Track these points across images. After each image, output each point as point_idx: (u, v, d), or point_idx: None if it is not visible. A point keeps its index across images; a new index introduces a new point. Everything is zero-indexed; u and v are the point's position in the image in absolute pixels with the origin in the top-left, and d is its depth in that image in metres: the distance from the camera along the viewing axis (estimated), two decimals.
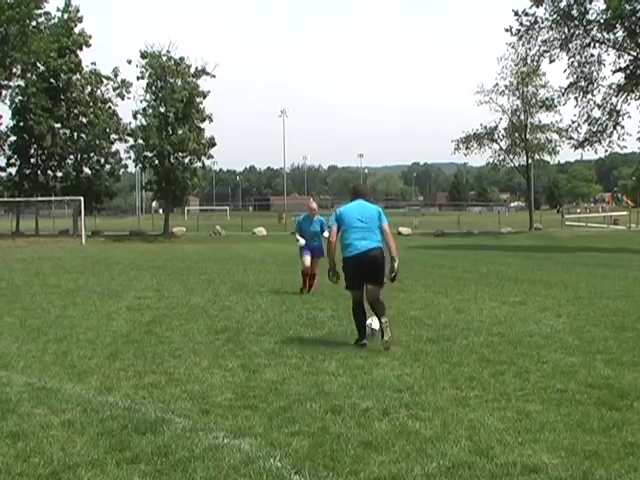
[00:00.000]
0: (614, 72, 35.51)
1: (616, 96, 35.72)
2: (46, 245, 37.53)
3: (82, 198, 42.67)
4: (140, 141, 45.39)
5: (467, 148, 50.23)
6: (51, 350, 7.63)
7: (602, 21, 33.94)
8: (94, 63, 48.13)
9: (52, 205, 68.91)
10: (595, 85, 36.07)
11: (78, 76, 47.19)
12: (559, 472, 4.01)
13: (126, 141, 47.37)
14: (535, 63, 39.43)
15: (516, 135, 50.36)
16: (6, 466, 4.17)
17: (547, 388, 5.82)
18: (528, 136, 50.19)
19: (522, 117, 50.10)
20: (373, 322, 7.88)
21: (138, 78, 45.63)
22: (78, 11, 46.97)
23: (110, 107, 47.96)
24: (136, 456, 4.31)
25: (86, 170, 48.57)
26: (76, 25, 47.13)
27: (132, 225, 56.73)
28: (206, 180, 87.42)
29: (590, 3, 34.18)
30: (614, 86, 35.81)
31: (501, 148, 50.96)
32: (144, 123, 45.03)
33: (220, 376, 6.36)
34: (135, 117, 45.85)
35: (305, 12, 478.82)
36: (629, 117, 36.46)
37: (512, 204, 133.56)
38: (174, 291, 13.44)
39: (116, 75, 47.57)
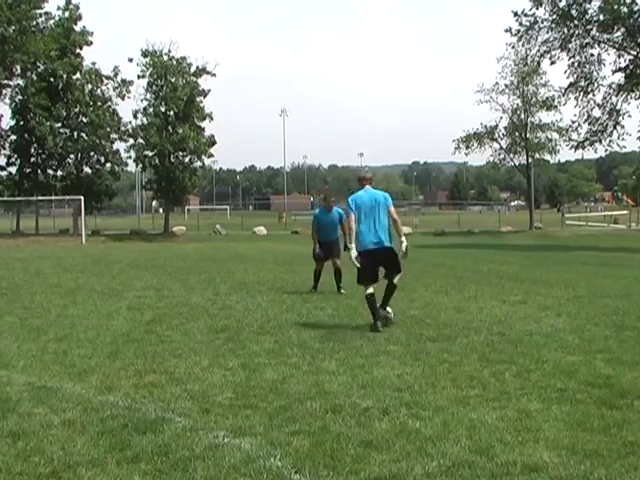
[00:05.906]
0: (614, 72, 35.53)
1: (616, 96, 35.72)
2: (46, 244, 37.49)
3: (82, 197, 42.65)
4: (140, 140, 45.38)
5: (467, 147, 50.25)
6: (51, 349, 7.62)
7: (601, 21, 33.93)
8: (94, 63, 48.15)
9: (52, 204, 69.17)
10: (595, 85, 36.06)
11: (78, 75, 47.15)
12: (559, 471, 4.00)
13: (126, 140, 47.36)
14: (535, 63, 39.40)
15: (516, 134, 50.33)
16: (6, 465, 4.17)
17: (547, 387, 5.81)
18: (528, 135, 50.15)
19: (522, 116, 50.05)
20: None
21: (139, 77, 45.67)
22: (78, 9, 46.94)
23: (110, 106, 47.92)
24: (136, 455, 4.31)
25: (86, 169, 48.56)
26: (76, 23, 47.07)
27: (132, 224, 56.69)
28: (206, 179, 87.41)
29: (589, 3, 34.18)
30: (614, 86, 35.81)
31: (501, 147, 50.95)
32: (145, 122, 45.01)
33: (220, 375, 6.36)
34: (135, 116, 45.89)
35: (306, 10, 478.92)
36: (629, 116, 36.48)
37: (512, 203, 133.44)
38: (174, 290, 13.44)
39: (116, 75, 47.55)
